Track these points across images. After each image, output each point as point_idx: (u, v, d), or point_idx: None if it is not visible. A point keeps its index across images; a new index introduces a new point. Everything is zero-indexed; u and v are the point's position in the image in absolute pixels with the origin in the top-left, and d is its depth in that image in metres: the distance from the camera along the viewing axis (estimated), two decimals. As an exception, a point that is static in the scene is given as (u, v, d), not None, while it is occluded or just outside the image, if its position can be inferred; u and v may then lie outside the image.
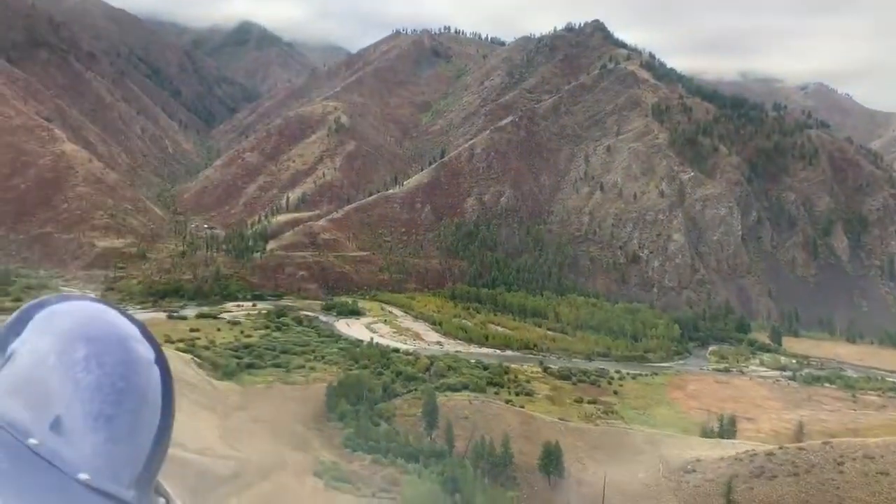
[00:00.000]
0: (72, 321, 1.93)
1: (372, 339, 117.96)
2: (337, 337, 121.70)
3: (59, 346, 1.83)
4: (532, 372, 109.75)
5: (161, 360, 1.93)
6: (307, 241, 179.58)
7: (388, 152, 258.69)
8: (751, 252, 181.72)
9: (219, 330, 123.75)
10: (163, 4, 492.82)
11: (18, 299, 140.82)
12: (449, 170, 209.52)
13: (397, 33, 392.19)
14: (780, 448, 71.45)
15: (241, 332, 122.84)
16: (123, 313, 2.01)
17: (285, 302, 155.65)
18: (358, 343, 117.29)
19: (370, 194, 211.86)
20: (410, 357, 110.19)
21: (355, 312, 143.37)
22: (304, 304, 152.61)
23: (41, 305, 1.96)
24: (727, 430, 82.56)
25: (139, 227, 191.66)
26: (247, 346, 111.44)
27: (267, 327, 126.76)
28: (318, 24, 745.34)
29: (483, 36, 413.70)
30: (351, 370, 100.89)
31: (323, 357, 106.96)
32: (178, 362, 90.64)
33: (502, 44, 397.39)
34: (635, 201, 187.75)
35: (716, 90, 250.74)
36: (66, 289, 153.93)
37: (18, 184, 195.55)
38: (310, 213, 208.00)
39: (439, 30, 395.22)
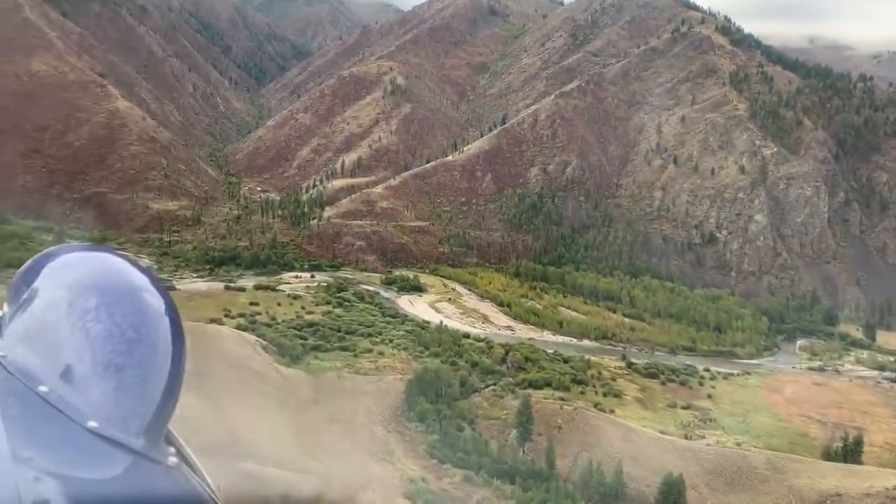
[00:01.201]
0: (83, 271, 1.94)
1: (441, 322, 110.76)
2: (402, 317, 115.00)
3: (70, 295, 1.84)
4: (615, 367, 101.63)
5: (171, 311, 1.92)
6: (365, 209, 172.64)
7: (445, 116, 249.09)
8: (837, 236, 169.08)
9: (279, 304, 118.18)
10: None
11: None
12: (511, 137, 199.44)
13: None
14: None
15: (303, 307, 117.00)
16: (134, 263, 2.01)
17: (343, 273, 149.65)
18: (425, 325, 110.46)
19: (427, 160, 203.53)
20: (483, 344, 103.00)
21: (417, 289, 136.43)
22: (363, 277, 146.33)
23: (52, 255, 1.97)
24: (852, 450, 73.65)
25: (193, 189, 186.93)
26: (310, 325, 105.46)
27: (328, 303, 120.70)
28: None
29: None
30: (422, 356, 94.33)
31: (391, 340, 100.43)
32: (243, 345, 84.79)
33: (561, 3, 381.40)
34: (712, 177, 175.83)
35: (797, 59, 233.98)
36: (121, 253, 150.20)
37: (72, 141, 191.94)
38: (366, 179, 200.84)
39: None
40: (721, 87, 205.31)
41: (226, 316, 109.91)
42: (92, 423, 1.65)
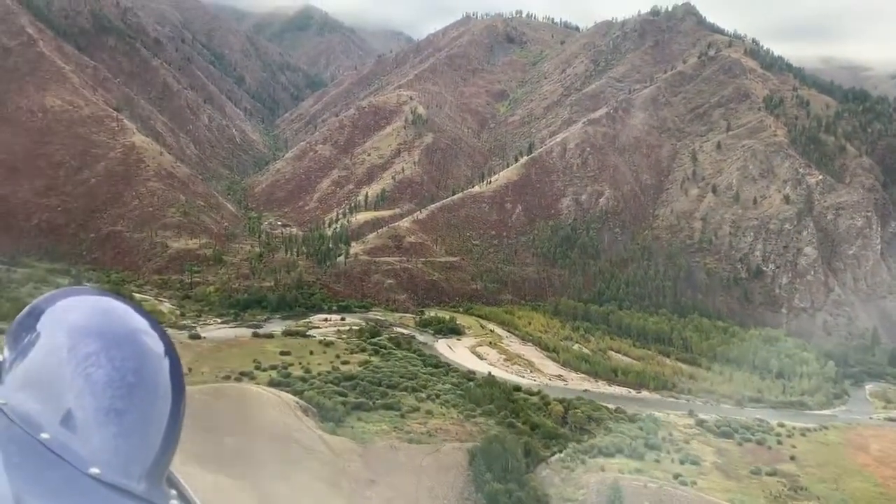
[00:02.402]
0: (82, 316, 1.95)
1: (489, 372, 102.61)
2: (444, 366, 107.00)
3: (70, 340, 1.84)
4: (685, 426, 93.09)
5: (171, 354, 1.92)
6: (392, 244, 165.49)
7: (467, 145, 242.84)
8: (892, 269, 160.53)
9: (311, 353, 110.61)
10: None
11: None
12: (540, 166, 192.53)
13: (467, 18, 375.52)
14: None
15: (337, 356, 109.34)
16: (133, 307, 2.01)
17: (374, 314, 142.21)
18: (471, 375, 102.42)
19: (453, 192, 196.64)
20: (537, 399, 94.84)
21: (455, 331, 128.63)
22: (396, 318, 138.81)
23: (52, 300, 1.99)
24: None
25: (213, 226, 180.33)
26: (348, 378, 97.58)
27: (363, 350, 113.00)
28: (378, 9, 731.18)
29: (556, 20, 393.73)
30: (474, 416, 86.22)
31: (437, 395, 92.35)
32: (283, 410, 76.81)
33: (577, 29, 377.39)
34: (755, 207, 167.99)
35: (832, 81, 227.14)
36: (139, 296, 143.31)
37: (88, 178, 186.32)
38: (390, 212, 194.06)
39: (511, 14, 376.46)
40: (756, 112, 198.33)
41: (256, 368, 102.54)
42: (94, 470, 1.66)
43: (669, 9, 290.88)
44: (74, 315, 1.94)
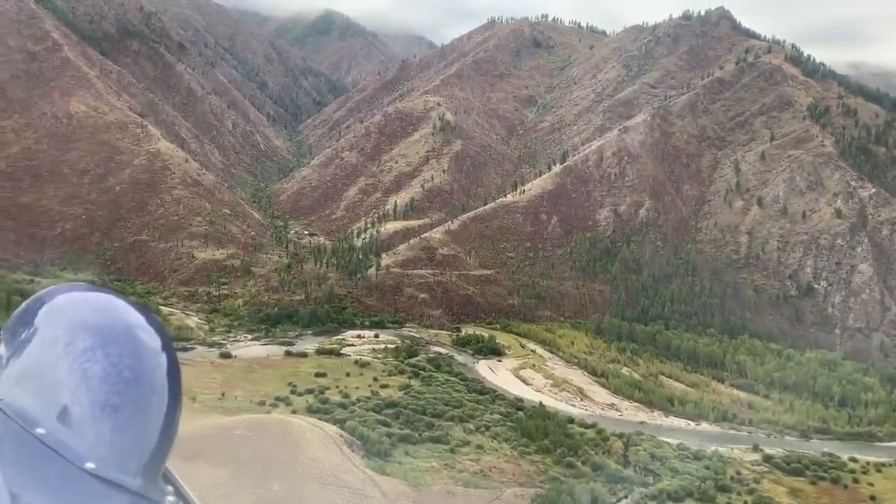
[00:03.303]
0: (79, 311, 1.95)
1: (540, 402, 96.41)
2: (490, 392, 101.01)
3: (67, 336, 1.84)
4: (752, 463, 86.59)
5: (168, 350, 1.92)
6: (425, 256, 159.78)
7: (496, 152, 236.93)
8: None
9: (348, 375, 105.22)
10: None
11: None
12: (575, 175, 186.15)
13: (492, 22, 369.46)
14: None
15: (375, 378, 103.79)
16: (131, 303, 2.01)
17: (408, 330, 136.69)
18: (519, 403, 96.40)
19: (484, 201, 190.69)
20: (593, 432, 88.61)
21: (495, 351, 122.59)
22: (431, 335, 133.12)
23: (49, 296, 1.99)
24: None
25: (239, 235, 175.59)
26: (390, 405, 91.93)
27: (402, 372, 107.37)
28: (399, 14, 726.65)
29: (583, 25, 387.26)
30: (529, 452, 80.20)
31: (487, 427, 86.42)
32: (328, 445, 71.19)
33: (604, 33, 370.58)
34: (804, 221, 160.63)
35: (878, 89, 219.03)
36: (165, 309, 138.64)
37: (113, 185, 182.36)
38: (419, 222, 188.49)
39: (536, 18, 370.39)
40: (801, 121, 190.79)
41: (292, 392, 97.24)
42: (89, 465, 1.66)
43: (702, 13, 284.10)
44: (72, 311, 1.95)
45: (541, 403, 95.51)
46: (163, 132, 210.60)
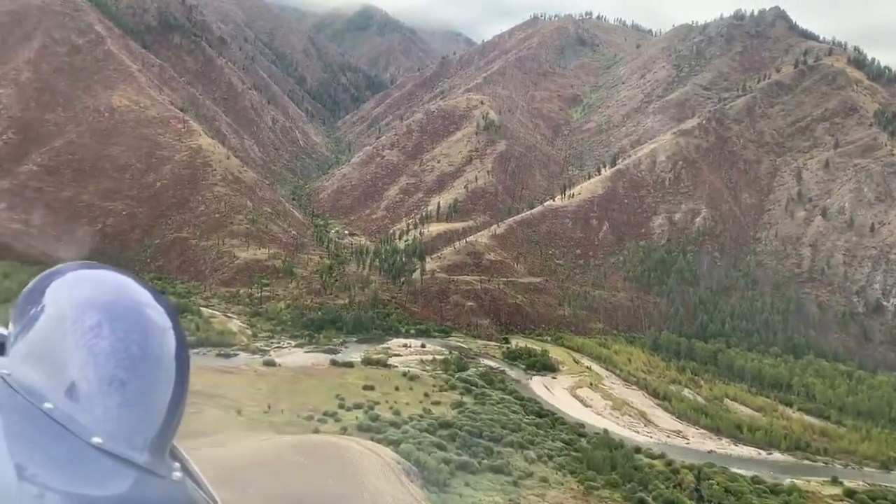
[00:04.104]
0: (87, 289, 1.96)
1: (605, 430, 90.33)
2: (548, 414, 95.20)
3: (75, 313, 1.85)
4: (832, 497, 79.82)
5: (175, 327, 1.93)
6: (471, 261, 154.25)
7: (542, 153, 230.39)
8: None
9: (397, 389, 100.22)
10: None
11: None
12: (627, 180, 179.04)
13: (535, 19, 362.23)
14: None
15: (426, 394, 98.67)
16: (138, 281, 2.02)
17: (454, 340, 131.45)
18: (581, 429, 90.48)
19: (530, 204, 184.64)
20: (661, 464, 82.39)
21: (548, 367, 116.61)
22: (479, 347, 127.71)
23: (56, 274, 2.00)
24: None
25: (280, 235, 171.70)
26: (444, 426, 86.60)
27: (453, 387, 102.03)
28: (438, 10, 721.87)
29: (628, 23, 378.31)
30: (595, 487, 74.22)
31: (549, 457, 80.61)
32: (386, 474, 66.07)
33: (650, 32, 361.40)
34: (872, 234, 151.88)
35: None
36: (206, 310, 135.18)
37: (154, 181, 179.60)
38: (463, 224, 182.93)
39: (581, 16, 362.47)
40: (867, 128, 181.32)
41: (341, 407, 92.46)
42: (96, 439, 1.66)
43: (755, 13, 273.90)
44: (79, 288, 1.96)
45: (606, 431, 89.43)
46: (204, 127, 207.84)
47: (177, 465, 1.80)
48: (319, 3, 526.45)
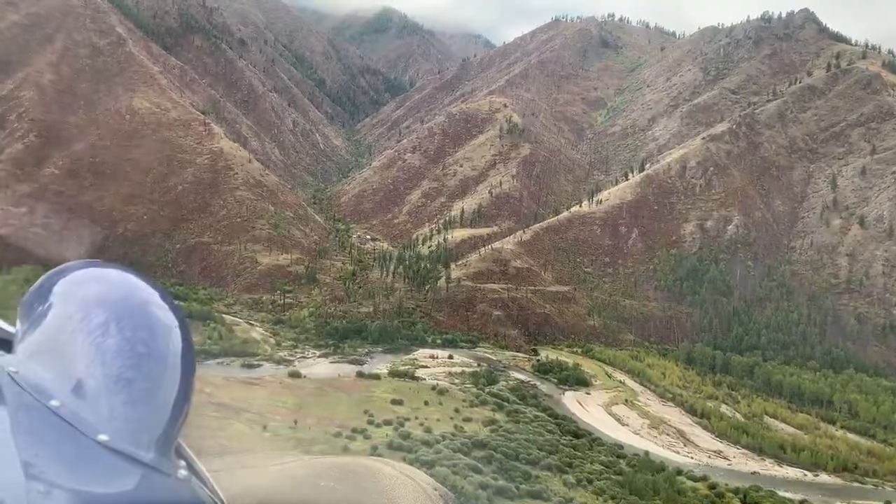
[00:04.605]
0: (94, 287, 1.97)
1: (646, 452, 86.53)
2: (585, 434, 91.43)
3: (82, 311, 1.86)
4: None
5: (182, 326, 1.94)
6: (497, 269, 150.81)
7: (566, 158, 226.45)
8: None
9: (426, 404, 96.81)
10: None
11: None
12: (657, 185, 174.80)
13: (556, 21, 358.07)
14: None
15: (456, 410, 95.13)
16: (145, 279, 2.03)
17: (482, 350, 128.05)
18: (620, 451, 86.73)
19: (556, 210, 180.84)
20: (703, 485, 78.56)
21: (581, 381, 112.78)
22: (508, 358, 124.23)
23: (63, 272, 2.01)
24: None
25: (302, 240, 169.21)
26: (478, 446, 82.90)
27: (484, 403, 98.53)
28: (456, 12, 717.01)
29: (650, 25, 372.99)
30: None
31: (589, 481, 76.90)
32: (421, 500, 62.34)
33: (673, 35, 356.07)
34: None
35: None
36: (229, 318, 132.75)
37: (175, 185, 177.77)
38: (488, 230, 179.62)
39: (603, 17, 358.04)
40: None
41: (370, 423, 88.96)
42: (102, 437, 1.68)
43: (782, 15, 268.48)
44: (86, 286, 1.97)
45: (646, 453, 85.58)
46: (225, 130, 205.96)
47: (182, 462, 1.82)
48: (338, 6, 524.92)
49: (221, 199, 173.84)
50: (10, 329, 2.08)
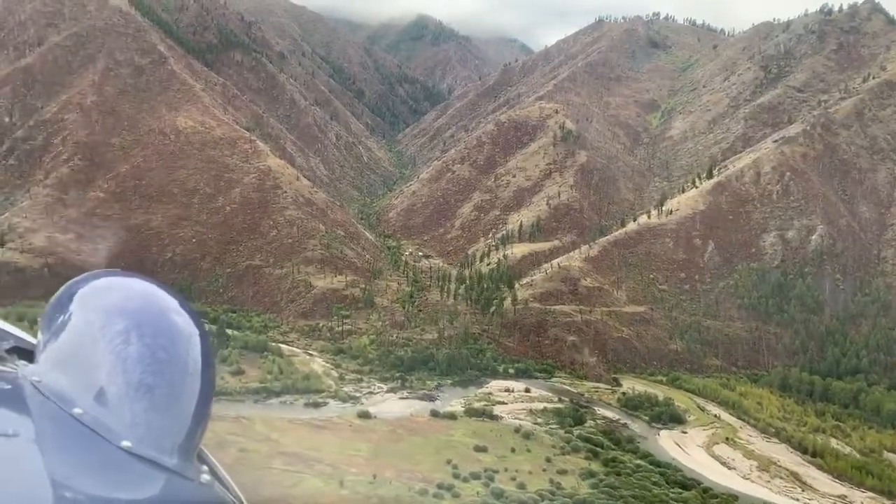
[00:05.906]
0: (114, 296, 2.01)
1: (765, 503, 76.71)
2: (694, 484, 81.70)
3: (102, 320, 1.90)
4: None
5: (202, 332, 1.97)
6: (566, 288, 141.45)
7: (625, 164, 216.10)
8: None
9: (513, 451, 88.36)
10: (339, 0, 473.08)
11: (236, 367, 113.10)
12: (730, 193, 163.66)
13: (600, 22, 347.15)
14: None
15: (547, 459, 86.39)
16: (164, 287, 2.07)
17: (558, 381, 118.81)
18: (733, 503, 76.93)
19: (621, 221, 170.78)
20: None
21: (674, 418, 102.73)
22: (588, 390, 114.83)
23: (83, 282, 2.05)
24: None
25: (356, 260, 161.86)
26: None
27: (576, 449, 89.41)
28: (491, 17, 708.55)
29: (697, 23, 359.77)
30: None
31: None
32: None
33: (722, 32, 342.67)
34: None
35: None
36: (286, 348, 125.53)
37: (223, 206, 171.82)
38: (549, 245, 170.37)
39: (649, 16, 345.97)
40: None
41: (455, 477, 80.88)
42: (125, 443, 1.70)
43: (843, 7, 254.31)
44: (106, 296, 2.01)
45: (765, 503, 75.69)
46: (270, 146, 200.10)
47: (205, 468, 1.84)
48: (373, 15, 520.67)
49: (271, 219, 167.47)
50: (32, 340, 2.16)
